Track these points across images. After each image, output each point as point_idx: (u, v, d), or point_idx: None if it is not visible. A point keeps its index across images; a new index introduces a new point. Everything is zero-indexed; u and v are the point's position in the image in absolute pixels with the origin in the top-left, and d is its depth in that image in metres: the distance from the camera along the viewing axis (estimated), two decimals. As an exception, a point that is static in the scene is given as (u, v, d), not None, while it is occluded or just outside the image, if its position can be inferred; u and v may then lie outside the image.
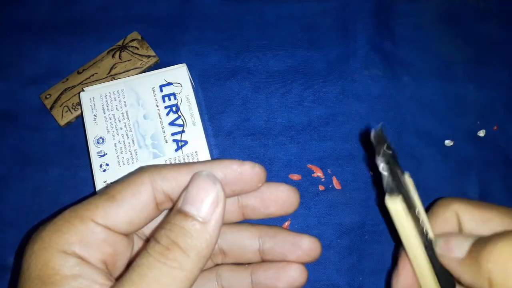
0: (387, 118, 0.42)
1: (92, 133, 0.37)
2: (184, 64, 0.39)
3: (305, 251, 0.30)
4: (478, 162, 0.41)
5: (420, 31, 0.45)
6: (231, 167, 0.26)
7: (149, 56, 0.43)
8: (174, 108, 0.38)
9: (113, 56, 0.43)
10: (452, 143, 0.41)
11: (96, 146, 0.37)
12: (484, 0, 0.46)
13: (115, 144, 0.37)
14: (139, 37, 0.43)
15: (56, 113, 0.41)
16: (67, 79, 0.42)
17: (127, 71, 0.42)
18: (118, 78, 0.41)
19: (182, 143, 0.37)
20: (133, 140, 0.37)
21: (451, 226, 0.30)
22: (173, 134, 0.37)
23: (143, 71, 0.43)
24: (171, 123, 0.37)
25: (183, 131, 0.37)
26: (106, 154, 0.36)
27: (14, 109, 0.43)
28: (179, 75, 0.39)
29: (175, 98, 0.38)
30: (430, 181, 0.40)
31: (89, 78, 0.42)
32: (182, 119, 0.37)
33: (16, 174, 0.41)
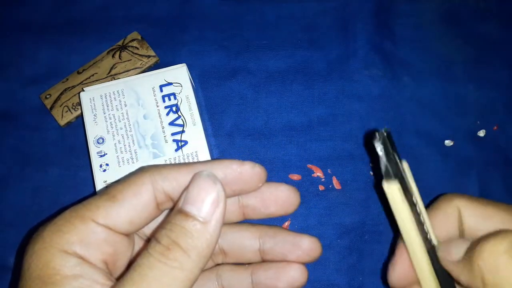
0: (387, 118, 0.42)
1: (92, 133, 0.37)
2: (184, 64, 0.39)
3: (305, 251, 0.30)
4: (478, 162, 0.41)
5: (420, 31, 0.45)
6: (231, 167, 0.26)
7: (149, 56, 0.43)
8: (174, 108, 0.38)
9: (113, 56, 0.43)
10: (452, 143, 0.41)
11: (96, 146, 0.37)
12: (484, 0, 0.46)
13: (115, 144, 0.37)
14: (139, 37, 0.43)
15: (56, 113, 0.41)
16: (67, 79, 0.42)
17: (127, 71, 0.42)
18: (118, 78, 0.41)
19: (182, 143, 0.37)
20: (133, 140, 0.37)
21: (452, 221, 0.30)
22: (173, 134, 0.37)
23: (143, 71, 0.43)
24: (171, 123, 0.37)
25: (183, 131, 0.37)
26: (106, 154, 0.36)
27: (14, 109, 0.43)
28: (179, 75, 0.39)
29: (175, 98, 0.38)
30: (430, 181, 0.40)
31: (89, 78, 0.42)
32: (182, 119, 0.37)
33: (16, 174, 0.41)
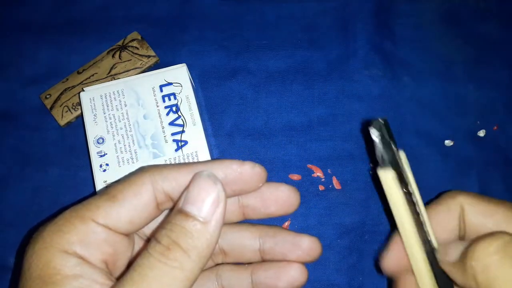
0: (387, 119, 0.42)
1: (92, 133, 0.37)
2: (184, 64, 0.39)
3: (305, 251, 0.30)
4: (478, 162, 0.41)
5: (420, 31, 0.45)
6: (232, 167, 0.26)
7: (149, 56, 0.43)
8: (174, 108, 0.38)
9: (113, 56, 0.43)
10: (452, 143, 0.41)
11: (96, 146, 0.37)
12: (484, 0, 0.46)
13: (115, 144, 0.37)
14: (139, 37, 0.43)
15: (56, 113, 0.41)
16: (67, 79, 0.42)
17: (127, 71, 0.42)
18: (118, 78, 0.41)
19: (182, 143, 0.37)
20: (133, 140, 0.37)
21: (453, 217, 0.30)
22: (173, 134, 0.37)
23: (143, 71, 0.43)
24: (171, 123, 0.37)
25: (183, 131, 0.37)
26: (106, 154, 0.36)
27: (14, 109, 0.43)
28: (179, 75, 0.39)
29: (175, 98, 0.38)
30: (430, 181, 0.40)
31: (89, 78, 0.42)
32: (182, 119, 0.37)
33: (16, 174, 0.41)
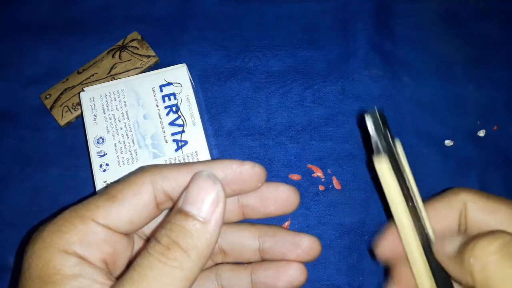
0: (387, 118, 0.42)
1: (92, 133, 0.37)
2: (184, 64, 0.39)
3: (305, 250, 0.30)
4: (478, 162, 0.41)
5: (420, 31, 0.45)
6: (231, 167, 0.26)
7: (149, 56, 0.43)
8: (174, 108, 0.38)
9: (113, 56, 0.43)
10: (452, 143, 0.41)
11: (96, 146, 0.37)
12: (484, 0, 0.46)
13: (115, 144, 0.37)
14: (139, 37, 0.43)
15: (56, 113, 0.41)
16: (67, 79, 0.42)
17: (127, 71, 0.42)
18: (118, 78, 0.41)
19: (182, 143, 0.37)
20: (133, 140, 0.37)
21: (454, 213, 0.29)
22: (173, 134, 0.37)
23: (143, 71, 0.43)
24: (171, 123, 0.37)
25: (183, 131, 0.37)
26: (106, 154, 0.36)
27: (14, 109, 0.43)
28: (179, 75, 0.39)
29: (175, 98, 0.38)
30: (430, 181, 0.40)
31: (89, 78, 0.42)
32: (182, 119, 0.37)
33: (16, 174, 0.41)
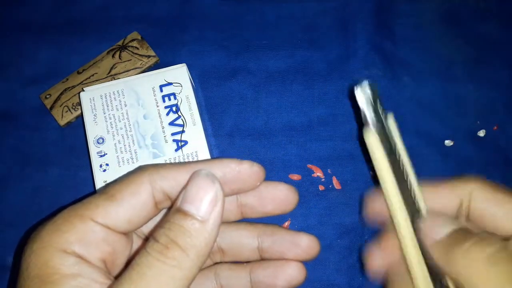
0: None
1: (92, 133, 0.37)
2: (184, 64, 0.39)
3: (304, 249, 0.30)
4: (478, 162, 0.41)
5: (420, 31, 0.45)
6: (230, 166, 0.26)
7: (149, 56, 0.43)
8: (174, 108, 0.38)
9: (113, 56, 0.43)
10: (452, 143, 0.41)
11: (96, 146, 0.37)
12: (484, 0, 0.46)
13: (115, 144, 0.37)
14: (139, 37, 0.44)
15: (56, 113, 0.41)
16: (67, 79, 0.42)
17: (127, 71, 0.42)
18: (118, 78, 0.41)
19: (182, 143, 0.37)
20: (133, 140, 0.37)
21: (455, 197, 0.28)
22: (173, 134, 0.37)
23: (143, 71, 0.43)
24: (171, 123, 0.37)
25: (183, 131, 0.37)
26: (106, 154, 0.36)
27: (14, 109, 0.43)
28: (179, 75, 0.39)
29: (175, 98, 0.38)
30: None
31: (89, 78, 0.42)
32: (182, 119, 0.37)
33: (16, 174, 0.41)
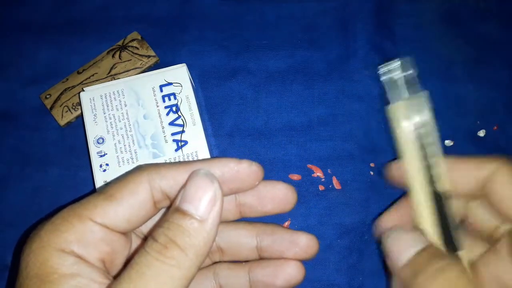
0: (387, 118, 0.42)
1: (92, 133, 0.37)
2: (184, 64, 0.39)
3: (303, 248, 0.30)
4: (478, 162, 0.41)
5: (420, 31, 0.45)
6: (229, 166, 0.26)
7: (149, 56, 0.43)
8: (174, 108, 0.38)
9: (113, 56, 0.43)
10: (452, 143, 0.41)
11: (96, 146, 0.37)
12: (484, 0, 0.46)
13: (115, 144, 0.37)
14: (139, 37, 0.44)
15: (56, 113, 0.41)
16: (67, 79, 0.42)
17: (127, 71, 0.42)
18: (118, 78, 0.41)
19: (182, 143, 0.37)
20: (133, 140, 0.37)
21: (474, 177, 0.29)
22: (173, 134, 0.37)
23: (143, 71, 0.43)
24: (171, 123, 0.37)
25: (183, 131, 0.37)
26: (106, 154, 0.36)
27: (14, 109, 0.43)
28: (179, 75, 0.39)
29: (175, 98, 0.38)
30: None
31: (89, 78, 0.42)
32: (182, 119, 0.37)
33: (16, 174, 0.41)
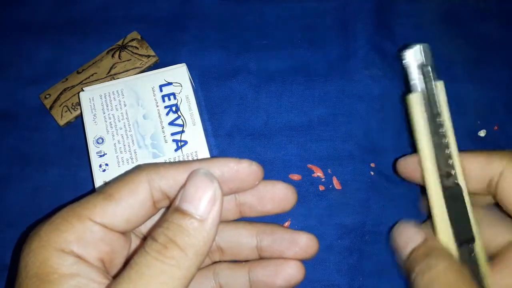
0: (387, 118, 0.42)
1: (92, 133, 0.37)
2: (184, 64, 0.39)
3: (303, 248, 0.30)
4: (479, 162, 0.41)
5: (420, 31, 0.45)
6: (228, 165, 0.26)
7: (149, 56, 0.43)
8: (174, 108, 0.38)
9: (113, 56, 0.43)
10: (452, 143, 0.41)
11: (96, 146, 0.37)
12: (484, 0, 0.46)
13: (115, 144, 0.37)
14: (139, 37, 0.44)
15: (56, 113, 0.41)
16: (67, 79, 0.42)
17: (127, 71, 0.42)
18: (118, 78, 0.41)
19: (182, 143, 0.37)
20: (133, 140, 0.37)
21: (488, 170, 0.29)
22: (173, 134, 0.37)
23: (143, 71, 0.43)
24: (171, 123, 0.37)
25: (183, 131, 0.37)
26: (106, 154, 0.36)
27: (14, 109, 0.43)
28: (179, 75, 0.39)
29: (175, 98, 0.38)
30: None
31: (89, 78, 0.42)
32: (182, 119, 0.37)
33: (16, 174, 0.41)
